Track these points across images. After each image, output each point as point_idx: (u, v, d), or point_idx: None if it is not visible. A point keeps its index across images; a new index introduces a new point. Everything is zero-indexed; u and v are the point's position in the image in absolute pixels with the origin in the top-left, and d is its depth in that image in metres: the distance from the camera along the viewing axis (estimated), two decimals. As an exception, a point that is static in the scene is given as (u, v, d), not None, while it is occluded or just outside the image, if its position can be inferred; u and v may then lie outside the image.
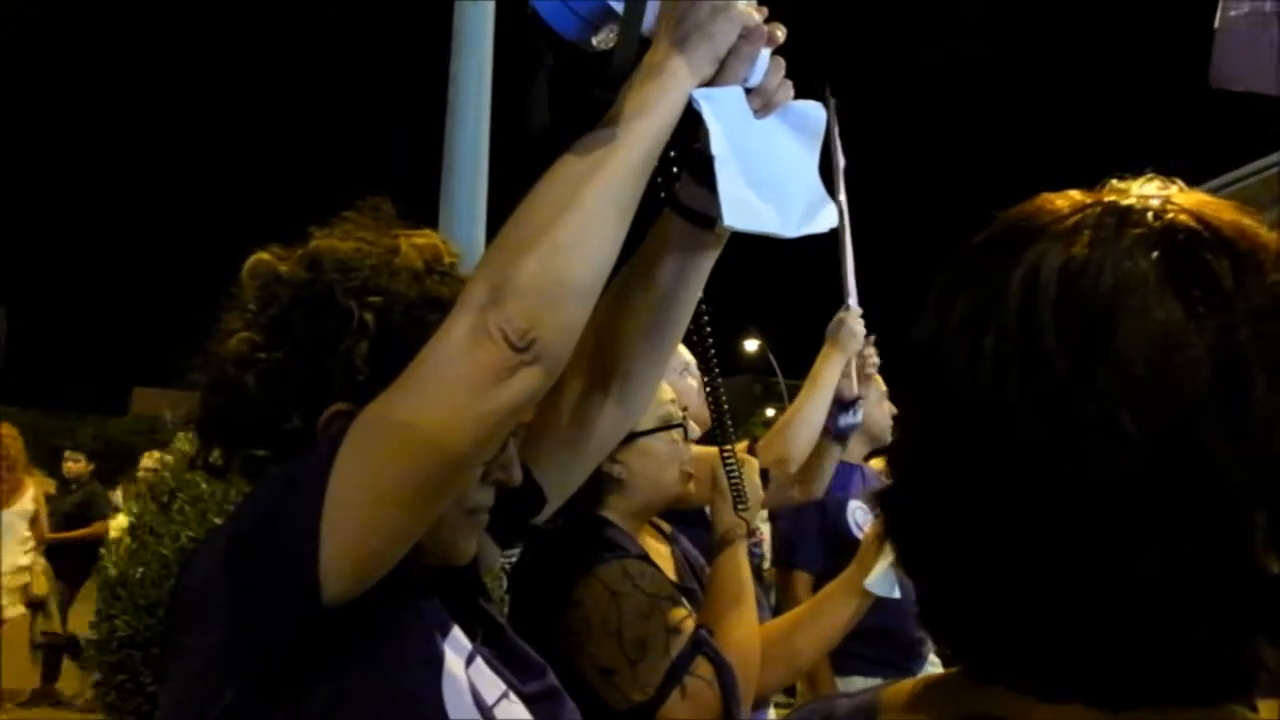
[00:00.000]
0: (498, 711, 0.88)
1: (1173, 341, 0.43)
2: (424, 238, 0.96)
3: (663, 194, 0.98)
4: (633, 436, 1.46)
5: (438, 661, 0.85)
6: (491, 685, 0.89)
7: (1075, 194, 0.51)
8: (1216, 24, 2.07)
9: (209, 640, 0.78)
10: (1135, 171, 0.52)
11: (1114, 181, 0.51)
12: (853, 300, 2.27)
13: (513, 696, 0.90)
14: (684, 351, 2.32)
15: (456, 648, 0.88)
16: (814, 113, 0.95)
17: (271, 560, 0.75)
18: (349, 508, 0.72)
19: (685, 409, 1.59)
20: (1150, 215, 0.47)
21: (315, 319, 0.88)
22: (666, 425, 1.50)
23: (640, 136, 0.80)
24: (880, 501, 0.54)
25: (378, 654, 0.81)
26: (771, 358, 25.68)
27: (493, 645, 0.96)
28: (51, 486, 7.09)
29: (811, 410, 2.16)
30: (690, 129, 0.88)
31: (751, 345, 29.48)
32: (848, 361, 2.26)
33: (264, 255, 0.93)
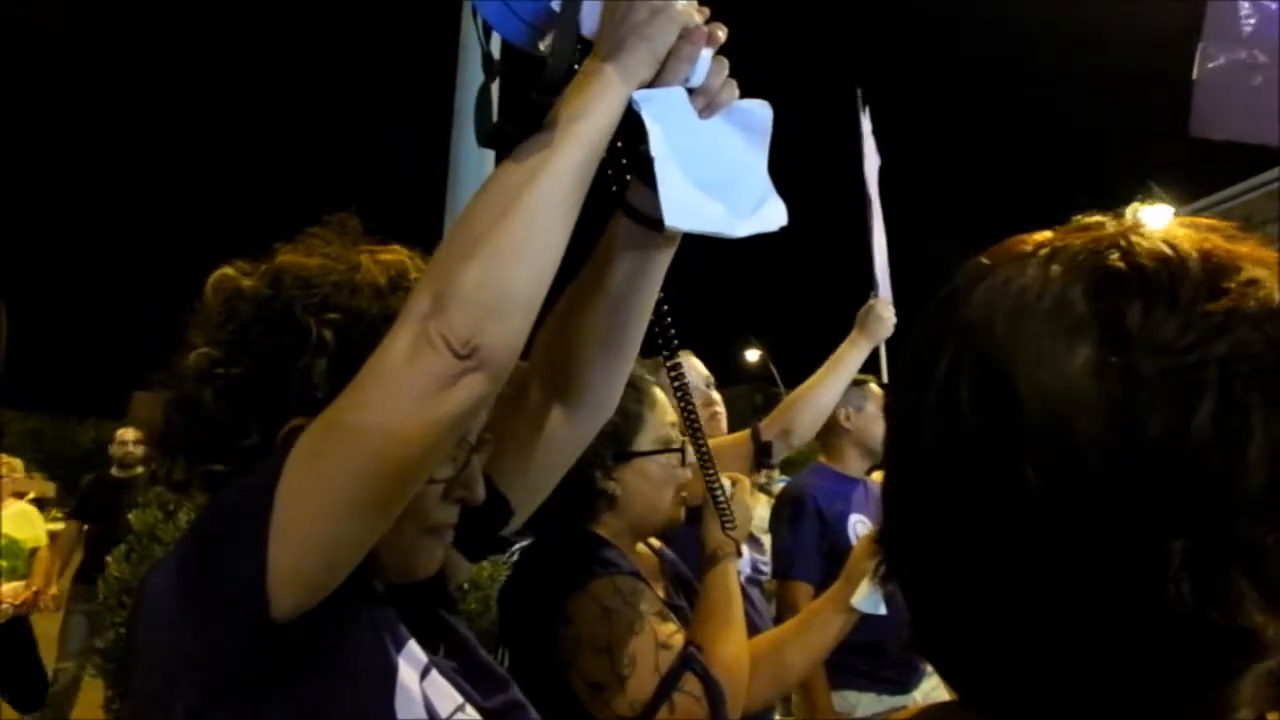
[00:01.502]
0: None
1: (1069, 390, 0.43)
2: (391, 254, 0.95)
3: (613, 191, 0.98)
4: (630, 456, 1.47)
5: (390, 674, 0.84)
6: (447, 698, 0.88)
7: (1045, 234, 0.51)
8: (1194, 75, 2.11)
9: (161, 657, 0.78)
10: (1139, 186, 0.52)
11: (1078, 217, 0.51)
12: (883, 290, 2.29)
13: (469, 710, 0.90)
14: (700, 367, 2.33)
15: (411, 660, 0.87)
16: (760, 112, 0.95)
17: (220, 576, 0.74)
18: (296, 520, 0.72)
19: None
20: (1081, 256, 0.47)
21: (274, 335, 0.88)
22: (665, 448, 1.50)
23: (579, 140, 0.79)
24: (878, 539, 0.55)
25: (329, 668, 0.80)
26: (773, 368, 25.67)
27: (456, 659, 0.95)
28: (51, 490, 7.08)
29: (825, 389, 2.16)
30: (638, 132, 0.87)
31: (753, 355, 29.51)
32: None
33: (228, 270, 0.93)
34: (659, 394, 1.54)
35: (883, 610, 1.56)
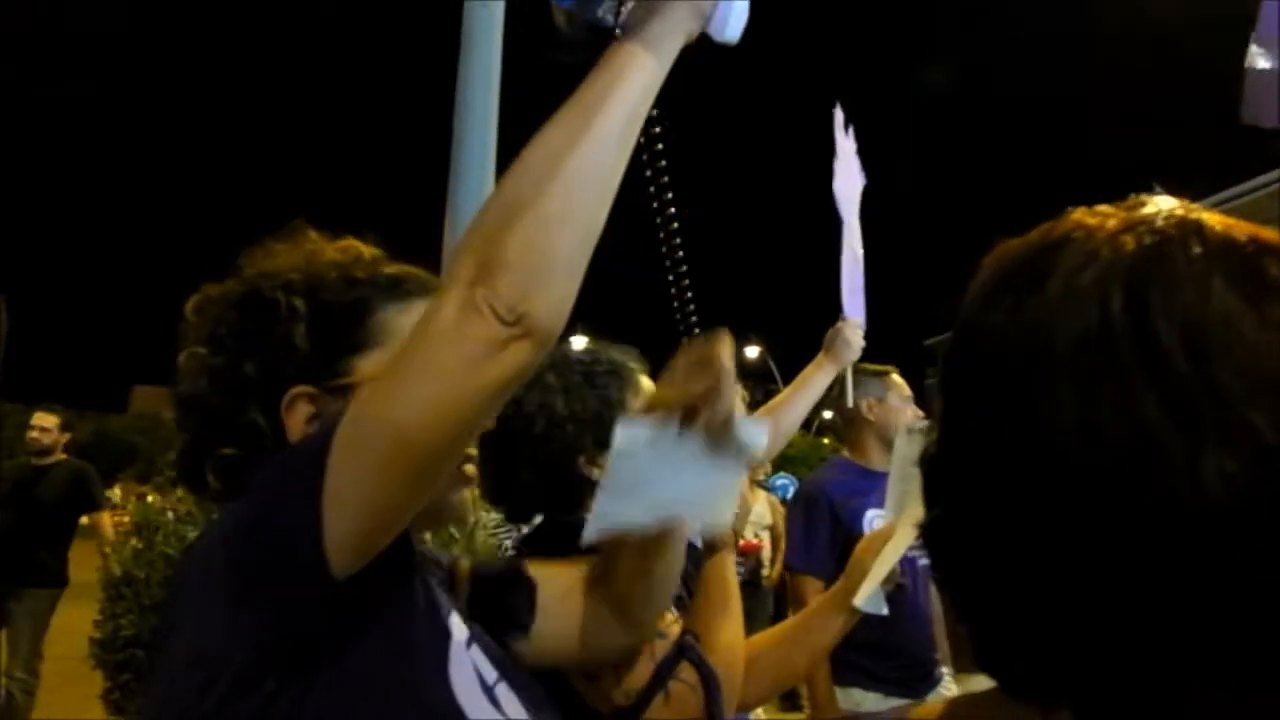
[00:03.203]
0: (498, 692, 0.92)
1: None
2: (344, 243, 1.02)
3: (644, 157, 0.98)
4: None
5: (445, 638, 0.89)
6: (489, 668, 0.92)
7: (1109, 208, 0.51)
8: (1247, 63, 2.11)
9: (209, 624, 0.79)
10: (1143, 187, 0.52)
11: (1138, 197, 0.51)
12: (852, 313, 2.24)
13: (505, 684, 0.93)
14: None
15: (458, 630, 0.91)
16: (757, 434, 1.02)
17: (276, 539, 0.76)
18: (349, 485, 0.74)
19: None
20: (1205, 229, 0.47)
21: (247, 316, 0.94)
22: None
23: (620, 102, 0.78)
24: (924, 530, 0.53)
25: (385, 630, 0.83)
26: (772, 365, 25.66)
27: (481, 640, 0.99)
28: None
29: (787, 412, 2.15)
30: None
31: (752, 352, 29.50)
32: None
33: (199, 294, 1.01)
34: (645, 382, 1.54)
35: (884, 610, 1.56)
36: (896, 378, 2.89)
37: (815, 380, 2.18)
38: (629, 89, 0.79)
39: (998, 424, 0.47)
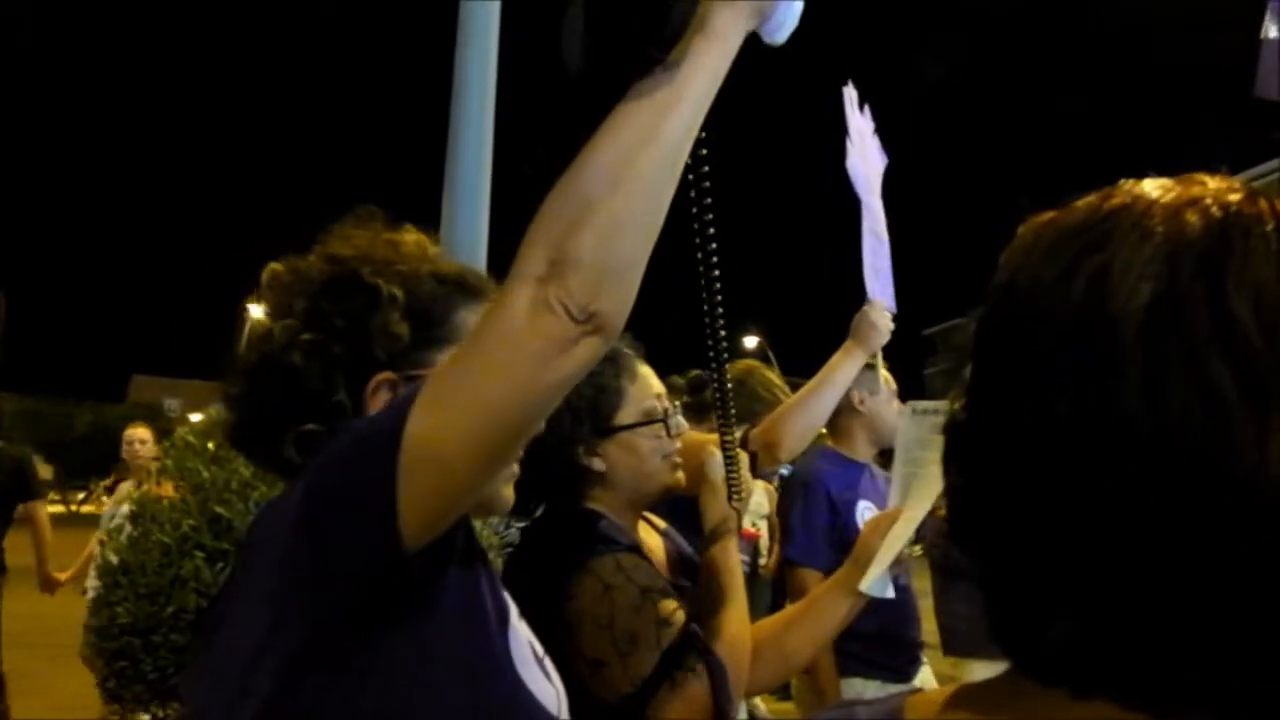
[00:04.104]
0: (547, 665, 0.98)
1: None
2: (410, 234, 1.07)
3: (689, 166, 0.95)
4: (611, 431, 1.46)
5: (505, 611, 0.95)
6: (536, 642, 0.99)
7: (1158, 182, 0.50)
8: (1262, 34, 2.08)
9: (273, 590, 0.82)
10: (1138, 175, 0.51)
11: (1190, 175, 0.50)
12: (877, 296, 2.15)
13: (549, 659, 1.00)
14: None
15: (512, 603, 0.98)
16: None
17: (351, 508, 0.79)
18: (422, 468, 0.76)
19: None
20: (1275, 207, 0.47)
21: (346, 300, 0.97)
22: (648, 420, 1.49)
23: (689, 100, 0.79)
24: (947, 494, 0.52)
25: (456, 598, 0.88)
26: (770, 353, 25.66)
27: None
28: (49, 473, 6.97)
29: (815, 402, 2.10)
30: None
31: (751, 341, 29.51)
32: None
33: (278, 265, 1.03)
34: (641, 367, 1.53)
35: (890, 594, 1.55)
36: (884, 371, 2.90)
37: (843, 368, 2.11)
38: (698, 87, 0.79)
39: (1047, 386, 0.46)
